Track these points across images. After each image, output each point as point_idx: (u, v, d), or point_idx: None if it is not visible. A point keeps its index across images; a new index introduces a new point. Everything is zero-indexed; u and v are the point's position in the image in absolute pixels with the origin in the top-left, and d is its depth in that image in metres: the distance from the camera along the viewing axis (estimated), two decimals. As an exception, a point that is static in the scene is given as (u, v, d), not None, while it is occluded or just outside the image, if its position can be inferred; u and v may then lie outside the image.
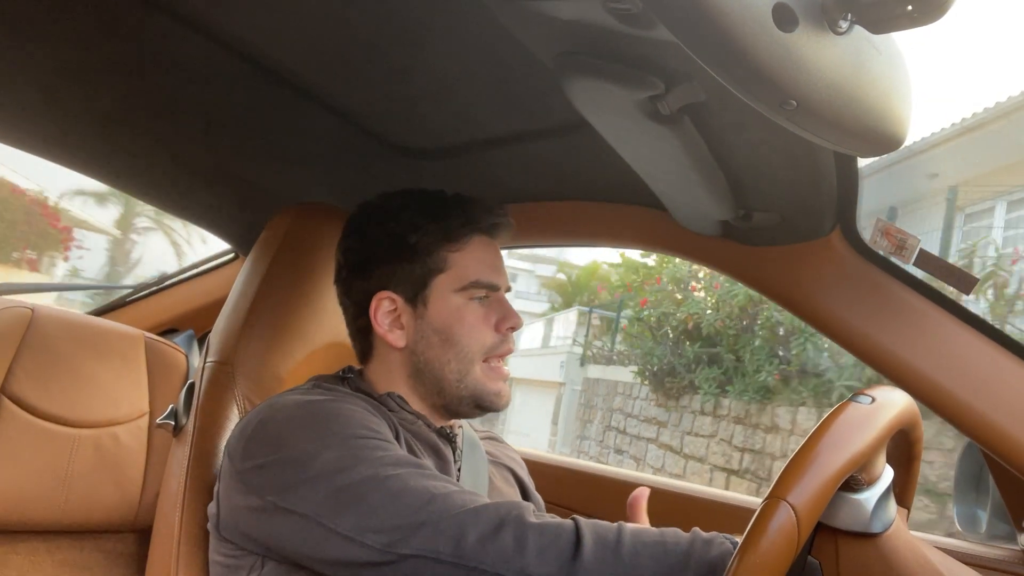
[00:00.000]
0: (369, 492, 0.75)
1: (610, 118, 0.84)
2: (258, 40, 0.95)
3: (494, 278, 1.00)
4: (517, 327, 0.99)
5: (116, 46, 0.99)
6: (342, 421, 0.83)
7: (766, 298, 1.19)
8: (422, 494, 0.75)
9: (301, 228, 1.19)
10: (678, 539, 0.73)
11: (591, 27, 0.69)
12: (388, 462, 0.78)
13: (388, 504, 0.74)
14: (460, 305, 0.97)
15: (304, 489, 0.77)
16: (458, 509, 0.73)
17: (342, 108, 1.11)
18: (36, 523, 1.21)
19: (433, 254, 0.98)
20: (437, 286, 0.98)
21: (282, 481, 0.79)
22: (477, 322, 0.97)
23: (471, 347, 0.96)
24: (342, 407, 0.86)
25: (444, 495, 0.75)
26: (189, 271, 1.83)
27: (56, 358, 1.26)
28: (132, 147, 1.30)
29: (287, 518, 0.78)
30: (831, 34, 0.54)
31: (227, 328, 1.10)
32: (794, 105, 0.56)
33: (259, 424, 0.85)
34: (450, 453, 0.98)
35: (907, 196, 7.53)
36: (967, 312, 1.03)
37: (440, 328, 0.97)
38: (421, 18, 0.85)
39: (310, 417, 0.84)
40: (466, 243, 0.99)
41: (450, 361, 0.96)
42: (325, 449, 0.79)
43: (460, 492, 0.77)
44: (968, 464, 1.17)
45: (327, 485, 0.77)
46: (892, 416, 0.69)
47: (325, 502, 0.76)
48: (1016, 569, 1.08)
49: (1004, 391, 0.99)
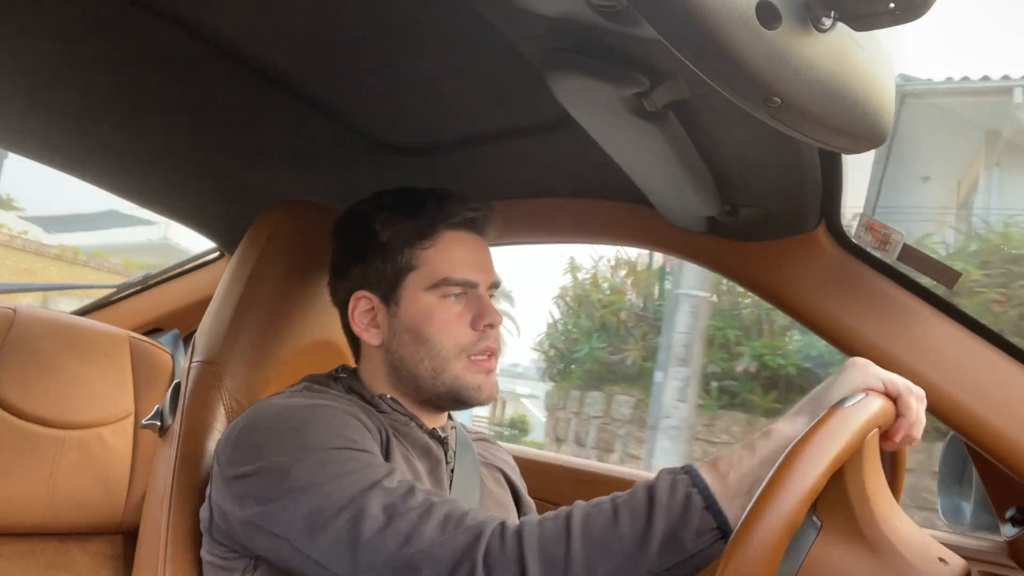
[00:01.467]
0: (336, 518, 0.75)
1: (596, 115, 0.84)
2: (243, 37, 0.94)
3: (468, 274, 0.97)
4: (495, 324, 0.96)
5: (98, 42, 0.98)
6: (318, 430, 0.82)
7: (752, 293, 1.20)
8: (383, 525, 0.73)
9: (287, 226, 1.18)
10: (634, 512, 0.71)
11: (576, 24, 0.69)
12: (358, 483, 0.76)
13: (351, 534, 0.74)
14: (431, 303, 0.95)
15: (279, 509, 0.78)
16: (417, 544, 0.72)
17: (328, 105, 1.10)
18: (21, 525, 1.20)
19: (404, 252, 0.97)
20: (409, 284, 0.96)
21: (262, 495, 0.79)
22: (450, 320, 0.95)
23: (444, 345, 0.94)
24: (321, 414, 0.84)
25: (409, 529, 0.73)
26: (174, 270, 1.82)
27: (40, 359, 1.25)
28: (115, 145, 1.29)
29: (268, 536, 0.79)
30: (815, 32, 0.54)
31: (213, 327, 1.09)
32: (778, 103, 0.56)
33: (243, 430, 0.86)
34: (442, 455, 0.98)
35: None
36: (951, 306, 1.04)
37: (411, 327, 0.96)
38: (407, 14, 0.85)
39: (287, 426, 0.83)
40: (437, 239, 0.97)
41: (423, 359, 0.95)
42: (296, 463, 0.79)
43: (426, 516, 0.74)
44: (951, 456, 1.18)
45: (297, 508, 0.77)
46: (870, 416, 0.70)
47: (296, 525, 0.77)
48: (1000, 559, 1.09)
49: (987, 384, 1.00)
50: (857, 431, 0.66)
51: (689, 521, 0.69)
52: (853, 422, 0.67)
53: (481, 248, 1.02)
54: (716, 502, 0.69)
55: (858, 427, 0.67)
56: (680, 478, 0.72)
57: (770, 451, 0.71)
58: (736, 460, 0.72)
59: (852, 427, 0.66)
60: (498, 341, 0.98)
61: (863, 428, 0.67)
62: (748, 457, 0.72)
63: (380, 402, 0.97)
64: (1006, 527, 1.07)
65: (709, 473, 0.72)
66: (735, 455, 0.73)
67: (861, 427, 0.67)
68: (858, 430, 0.67)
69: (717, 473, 0.71)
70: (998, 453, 0.98)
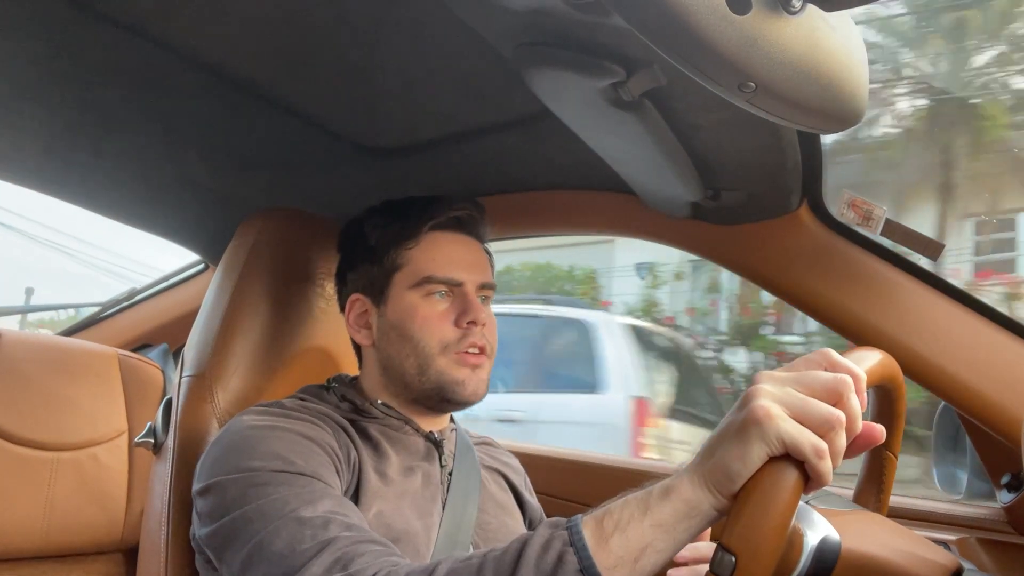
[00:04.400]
0: (248, 541, 0.75)
1: (573, 107, 0.84)
2: (211, 47, 0.93)
3: (451, 273, 0.98)
4: (478, 322, 0.96)
5: (64, 60, 0.97)
6: (259, 452, 0.81)
7: (739, 276, 1.20)
8: (282, 554, 0.73)
9: (270, 234, 1.17)
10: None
11: (549, 17, 0.69)
12: (277, 510, 0.76)
13: (254, 557, 0.74)
14: (416, 301, 0.97)
15: (210, 529, 0.80)
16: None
17: (304, 111, 1.10)
18: (19, 550, 1.19)
19: (391, 253, 1.00)
20: (395, 284, 0.99)
21: (210, 513, 0.81)
22: (433, 317, 0.96)
23: (428, 342, 0.95)
24: (269, 436, 0.84)
25: (301, 563, 0.71)
26: (159, 284, 1.81)
27: (28, 382, 1.24)
28: (89, 162, 1.27)
29: (210, 552, 0.82)
30: (785, 15, 0.54)
31: (201, 340, 1.09)
32: (753, 87, 0.56)
33: (209, 447, 0.87)
34: (436, 458, 0.98)
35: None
36: (936, 278, 1.05)
37: (397, 325, 0.98)
38: (376, 16, 0.84)
39: (235, 447, 0.83)
40: (422, 239, 0.99)
41: (408, 356, 0.96)
42: (233, 484, 0.79)
43: (321, 553, 0.72)
44: (944, 427, 1.19)
45: (224, 526, 0.78)
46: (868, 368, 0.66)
47: (217, 541, 0.79)
48: (999, 527, 1.10)
49: (975, 353, 1.01)
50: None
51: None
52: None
53: (469, 248, 1.03)
54: (594, 566, 0.59)
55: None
56: (558, 534, 0.63)
57: (665, 517, 0.60)
58: (624, 519, 0.61)
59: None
60: (485, 338, 0.97)
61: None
62: (638, 518, 0.61)
63: (372, 409, 0.98)
64: (1002, 493, 1.08)
65: (592, 532, 0.62)
66: (625, 512, 0.61)
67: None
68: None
69: (601, 533, 0.61)
70: (989, 420, 0.99)
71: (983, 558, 1.04)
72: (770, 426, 0.57)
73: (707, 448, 0.62)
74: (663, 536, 0.60)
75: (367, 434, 0.94)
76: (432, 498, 0.93)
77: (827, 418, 0.58)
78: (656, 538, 0.60)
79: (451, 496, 0.95)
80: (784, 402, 0.58)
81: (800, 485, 0.57)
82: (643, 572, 0.60)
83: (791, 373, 0.61)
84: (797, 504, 0.58)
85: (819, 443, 0.57)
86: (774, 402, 0.58)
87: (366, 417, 0.97)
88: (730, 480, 0.58)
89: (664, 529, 0.60)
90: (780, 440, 0.57)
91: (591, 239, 7.84)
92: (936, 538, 0.91)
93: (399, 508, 0.89)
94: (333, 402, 0.98)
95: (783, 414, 0.58)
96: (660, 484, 0.62)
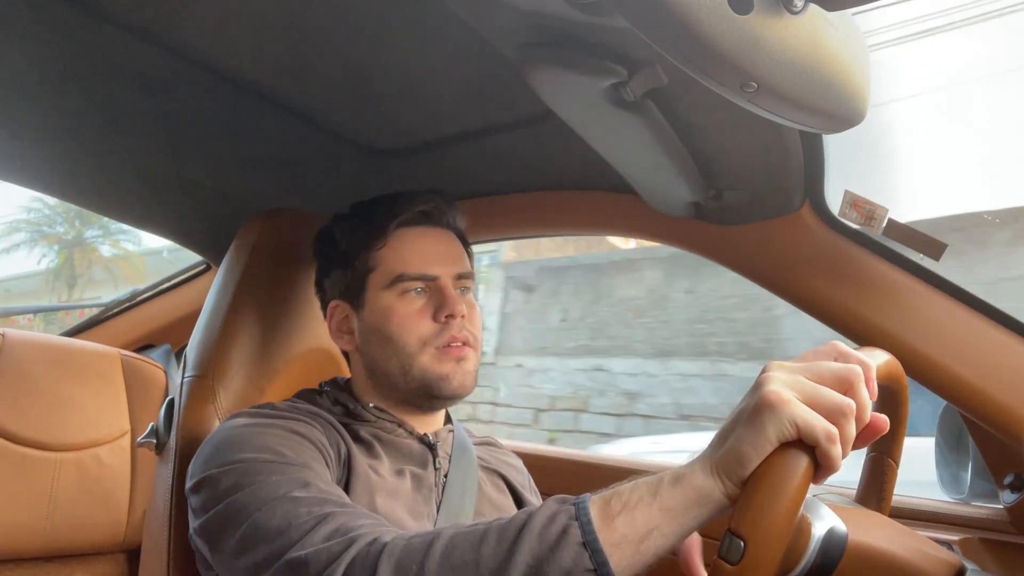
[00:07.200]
0: (244, 523, 0.75)
1: (575, 107, 0.84)
2: (213, 48, 0.93)
3: (424, 268, 0.97)
4: (456, 315, 0.95)
5: (67, 60, 0.97)
6: (251, 446, 0.82)
7: (741, 276, 1.20)
8: (280, 529, 0.73)
9: (272, 234, 1.17)
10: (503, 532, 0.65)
11: (551, 17, 0.69)
12: (272, 491, 0.76)
13: (251, 536, 0.75)
14: (391, 302, 0.96)
15: (203, 520, 0.80)
16: (300, 550, 0.71)
17: (306, 111, 1.10)
18: (22, 551, 1.19)
19: (361, 256, 0.99)
20: (370, 286, 0.98)
21: (201, 506, 0.81)
22: (410, 315, 0.95)
23: (408, 341, 0.94)
24: (260, 431, 0.84)
25: (299, 536, 0.72)
26: (162, 284, 1.81)
27: (31, 383, 1.24)
28: (92, 162, 1.28)
29: (203, 545, 0.82)
30: (787, 14, 0.54)
31: (203, 340, 1.09)
32: (755, 87, 0.56)
33: (202, 445, 0.87)
34: (430, 460, 0.97)
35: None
36: (939, 278, 1.05)
37: (376, 327, 0.97)
38: (379, 16, 0.84)
39: (226, 443, 0.84)
40: (389, 238, 0.98)
41: (391, 357, 0.95)
42: (225, 475, 0.80)
43: (321, 526, 0.73)
44: (947, 427, 1.19)
45: (216, 516, 0.78)
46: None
47: (211, 528, 0.79)
48: (1002, 527, 1.10)
49: (977, 353, 1.01)
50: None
51: (559, 557, 0.61)
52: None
53: (441, 240, 1.01)
54: (597, 541, 0.60)
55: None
56: (564, 508, 0.64)
57: (675, 502, 0.60)
58: (633, 501, 0.61)
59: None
60: (466, 331, 0.96)
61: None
62: (647, 501, 0.61)
63: (364, 412, 0.97)
64: (1005, 493, 1.08)
65: (599, 509, 0.62)
66: (634, 494, 0.62)
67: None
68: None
69: (608, 511, 0.62)
70: (992, 420, 0.99)
71: (986, 558, 1.04)
72: (783, 410, 0.57)
73: (719, 436, 0.62)
74: (670, 521, 0.60)
75: (359, 436, 0.94)
76: (425, 500, 0.93)
77: (838, 405, 0.58)
78: (663, 522, 0.60)
79: (446, 498, 0.94)
80: (796, 388, 0.59)
81: (810, 471, 0.57)
82: (647, 553, 0.60)
83: (802, 363, 0.62)
84: (807, 490, 0.58)
85: (831, 428, 0.57)
86: (786, 387, 0.59)
87: (358, 420, 0.97)
88: (741, 465, 0.58)
89: (672, 514, 0.60)
90: (793, 423, 0.57)
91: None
92: (939, 538, 0.91)
93: (392, 505, 0.88)
94: (326, 406, 0.97)
95: (795, 399, 0.58)
96: (672, 471, 0.62)
